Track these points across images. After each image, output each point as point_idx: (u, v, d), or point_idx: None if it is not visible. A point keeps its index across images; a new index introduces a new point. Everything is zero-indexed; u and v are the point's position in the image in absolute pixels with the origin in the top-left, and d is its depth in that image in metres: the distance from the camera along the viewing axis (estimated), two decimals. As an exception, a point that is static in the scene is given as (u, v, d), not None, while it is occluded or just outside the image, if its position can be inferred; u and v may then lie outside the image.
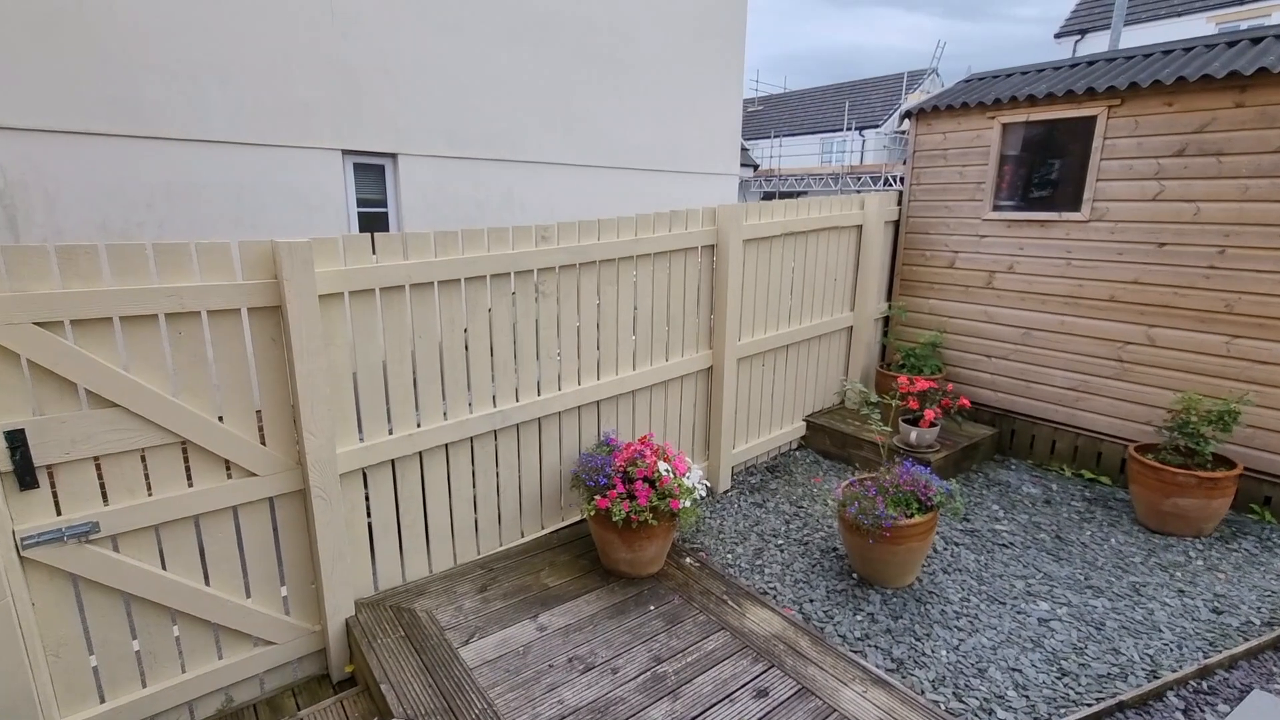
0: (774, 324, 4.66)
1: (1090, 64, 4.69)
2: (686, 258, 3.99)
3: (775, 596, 3.27)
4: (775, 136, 30.07)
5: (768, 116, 32.97)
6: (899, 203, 5.43)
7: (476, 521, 3.38)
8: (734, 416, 4.50)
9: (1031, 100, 4.49)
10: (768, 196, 26.86)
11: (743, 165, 14.51)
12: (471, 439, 3.25)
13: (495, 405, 3.31)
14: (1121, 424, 4.36)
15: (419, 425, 3.07)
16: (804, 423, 5.14)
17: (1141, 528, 3.83)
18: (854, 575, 3.40)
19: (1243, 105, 3.67)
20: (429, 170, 6.57)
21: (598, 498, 3.09)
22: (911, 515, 3.15)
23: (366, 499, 2.98)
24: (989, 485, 4.48)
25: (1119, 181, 4.19)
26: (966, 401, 4.52)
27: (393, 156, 6.36)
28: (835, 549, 3.67)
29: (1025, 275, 4.72)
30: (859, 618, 3.08)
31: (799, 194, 25.33)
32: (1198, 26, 16.93)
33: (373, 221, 6.39)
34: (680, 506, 3.06)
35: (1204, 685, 2.62)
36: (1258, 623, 2.98)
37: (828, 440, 4.98)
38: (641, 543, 3.12)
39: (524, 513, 3.56)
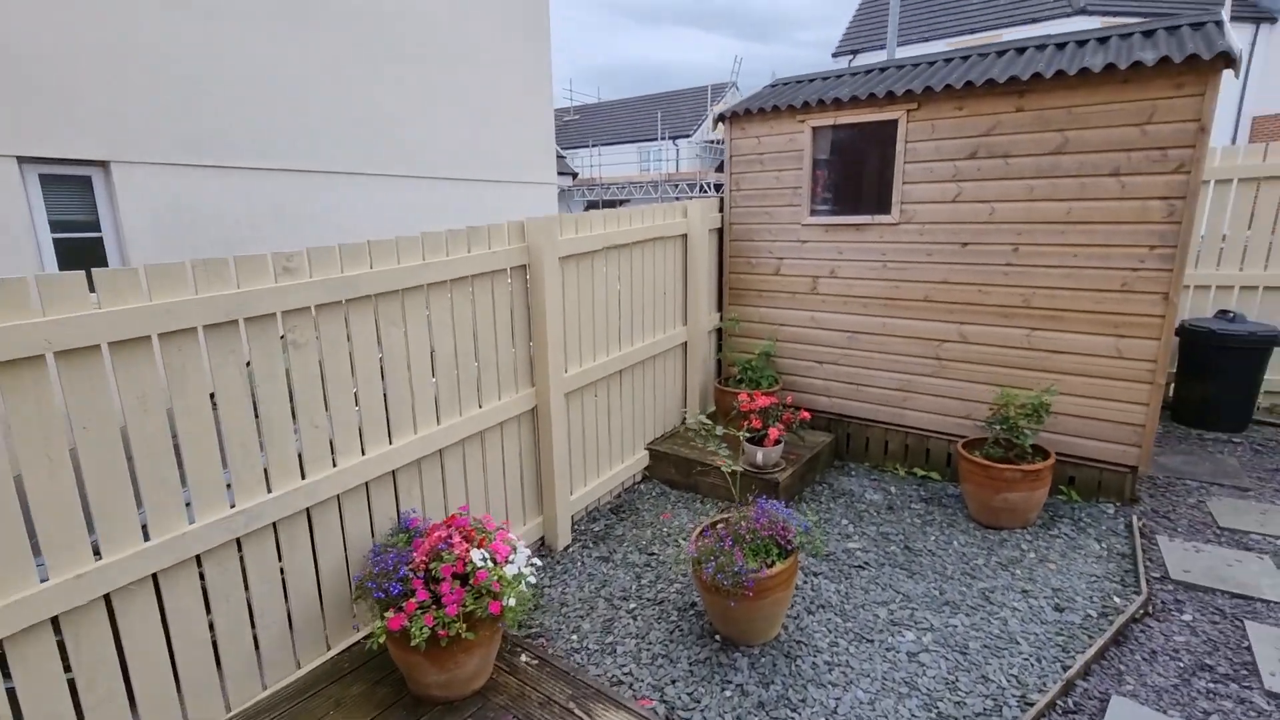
0: (604, 348, 4.14)
1: (884, 70, 4.80)
2: (494, 282, 3.32)
3: (632, 685, 2.72)
4: (594, 145, 30.17)
5: (585, 125, 33.04)
6: (721, 209, 5.22)
7: (220, 665, 2.42)
8: (569, 460, 3.91)
9: (838, 104, 4.45)
10: (592, 205, 26.78)
11: (561, 173, 14.03)
12: (198, 557, 2.31)
13: (233, 504, 2.39)
14: (945, 420, 4.46)
15: (99, 557, 2.08)
16: (646, 452, 4.70)
17: (976, 524, 3.88)
18: (716, 636, 2.96)
19: (1023, 109, 3.85)
20: (162, 182, 5.17)
21: (391, 613, 2.32)
22: (773, 563, 2.78)
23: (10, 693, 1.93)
24: (835, 497, 4.35)
25: (923, 184, 4.27)
26: (807, 414, 4.35)
27: (103, 165, 4.89)
28: (694, 604, 3.22)
29: (846, 279, 4.70)
30: (728, 693, 2.64)
31: (622, 202, 25.54)
32: (940, 50, 19.67)
33: (80, 252, 4.86)
34: (503, 607, 2.39)
35: (1070, 703, 2.53)
36: (1094, 614, 3.02)
37: (672, 468, 4.58)
38: (457, 659, 2.40)
39: (297, 636, 2.65)
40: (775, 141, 4.83)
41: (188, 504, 2.29)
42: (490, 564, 2.48)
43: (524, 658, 2.76)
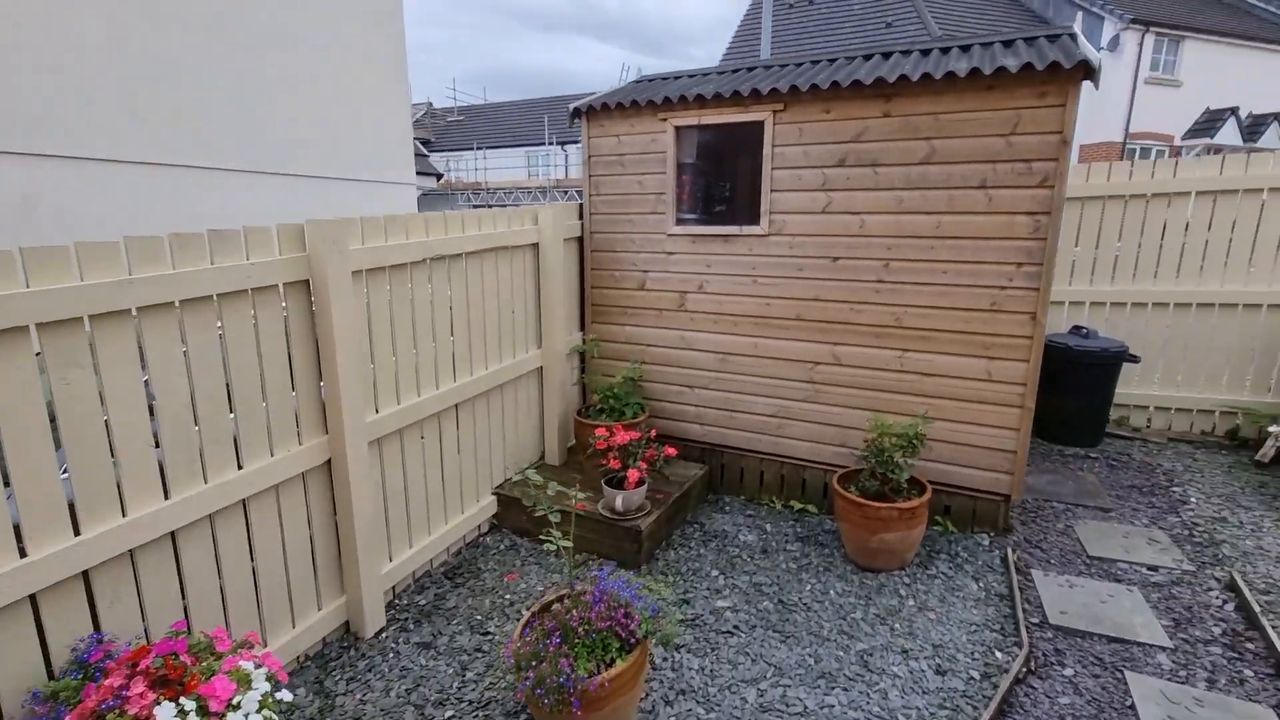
0: (431, 380, 3.42)
1: (751, 69, 4.44)
2: (257, 304, 2.53)
3: (426, 847, 2.03)
4: (479, 148, 28.90)
5: (470, 127, 31.65)
6: (581, 216, 4.64)
7: None
8: (383, 522, 3.15)
9: (701, 101, 4.01)
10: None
11: (423, 174, 12.93)
12: None
13: None
14: (821, 449, 4.13)
15: None
16: (494, 497, 4.01)
17: (853, 566, 3.53)
18: (549, 753, 2.34)
19: (890, 115, 3.57)
20: None
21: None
22: (612, 661, 2.20)
23: None
24: (706, 540, 3.88)
25: (792, 193, 3.91)
26: (673, 451, 3.85)
27: None
28: (527, 707, 2.58)
29: (716, 295, 4.27)
30: (555, 842, 2.02)
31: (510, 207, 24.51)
32: (818, 70, 20.42)
33: None
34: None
35: (958, 806, 2.14)
36: (977, 676, 2.69)
37: (524, 516, 3.91)
38: None
39: None
40: (636, 141, 4.32)
41: None
42: (200, 713, 1.71)
43: (274, 825, 1.99)
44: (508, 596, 3.35)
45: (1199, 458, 4.72)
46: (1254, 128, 21.28)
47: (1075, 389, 4.86)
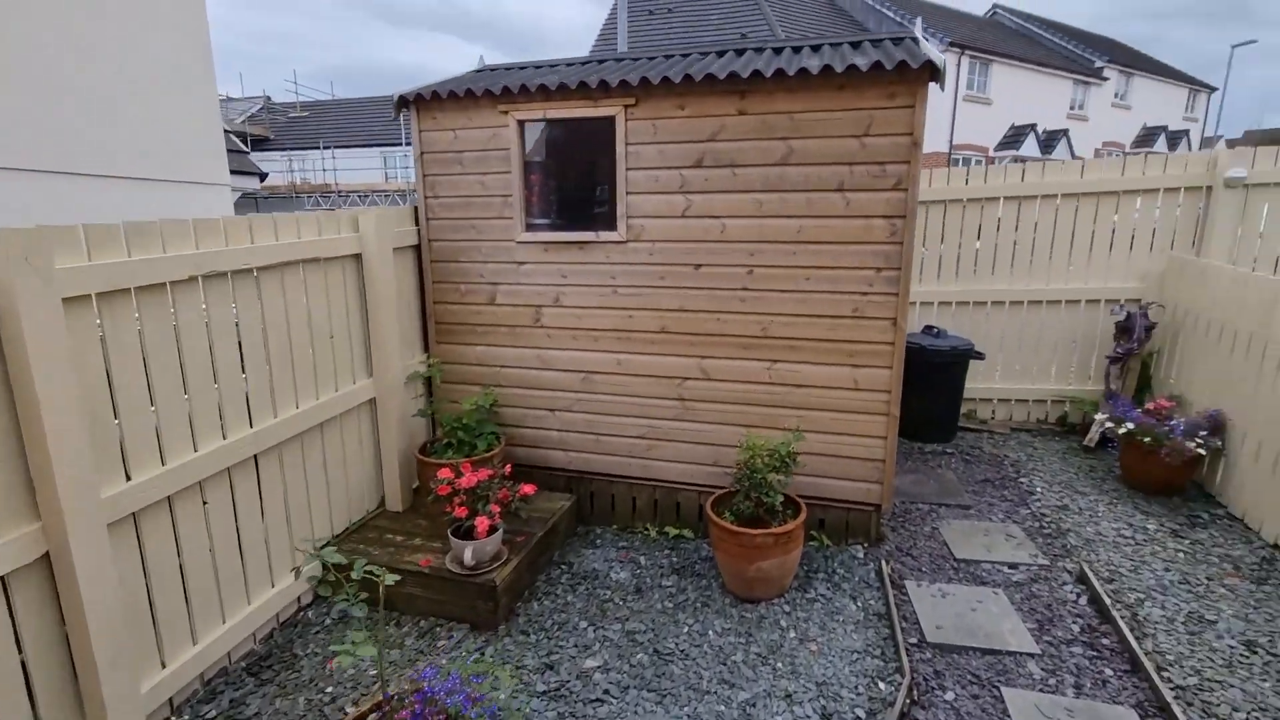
0: (214, 429, 2.71)
1: (603, 62, 4.09)
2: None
3: None
4: (327, 147, 26.53)
5: (316, 125, 29.01)
6: (417, 221, 4.05)
7: None
8: (140, 622, 2.41)
9: (546, 94, 3.59)
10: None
11: (243, 173, 11.42)
12: None
13: None
14: (694, 470, 3.86)
15: None
16: (317, 560, 3.32)
17: (732, 598, 3.27)
18: None
19: (745, 113, 3.36)
20: None
21: None
22: (439, 793, 1.71)
23: None
24: (575, 583, 3.46)
25: (650, 195, 3.60)
26: (530, 488, 3.39)
27: None
28: None
29: (574, 309, 3.87)
30: None
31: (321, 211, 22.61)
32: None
33: None
34: None
35: None
36: (863, 715, 2.49)
37: (357, 581, 3.26)
38: None
39: None
40: (475, 137, 3.82)
41: None
42: None
43: None
44: (329, 689, 2.73)
45: (1038, 446, 5.02)
46: (1049, 142, 24.56)
47: (930, 387, 5.00)
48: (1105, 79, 28.64)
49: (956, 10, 29.05)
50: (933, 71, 3.07)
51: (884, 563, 3.46)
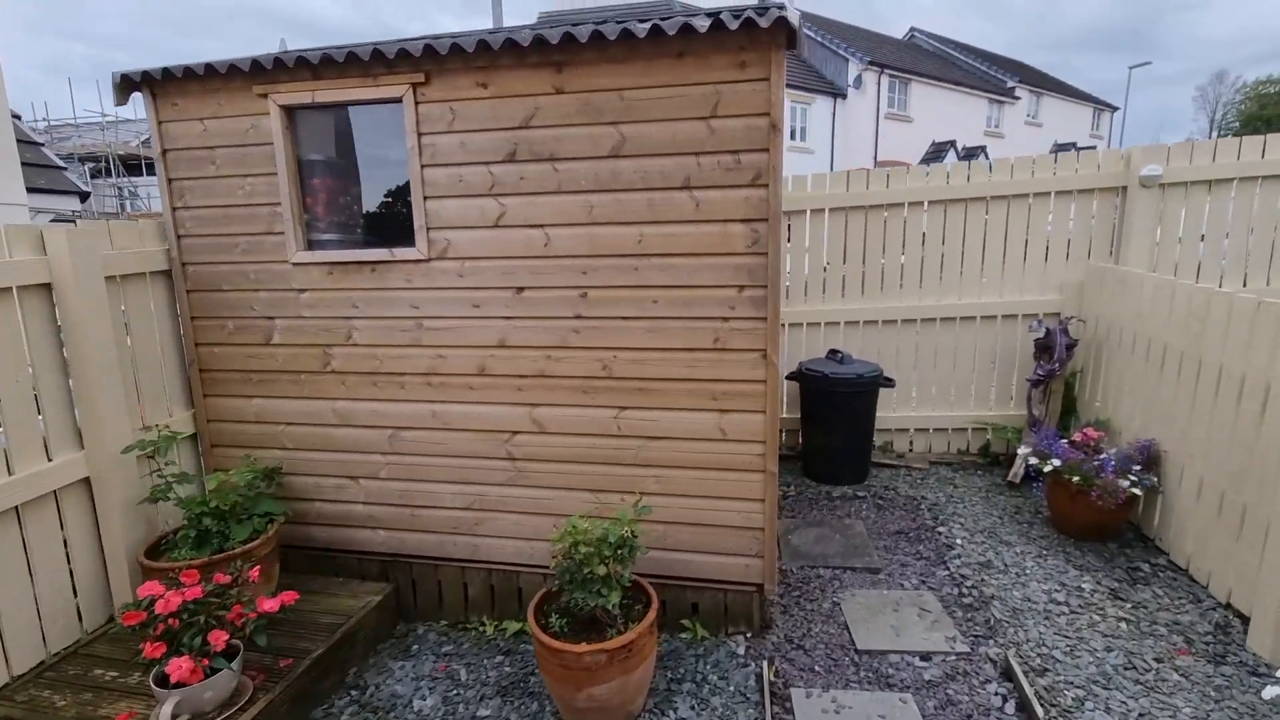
0: None
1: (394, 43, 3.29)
2: None
3: None
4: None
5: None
6: (166, 239, 3.12)
7: None
8: None
9: (313, 71, 2.76)
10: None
11: (62, 192, 9.88)
12: None
13: None
14: (533, 547, 3.02)
15: None
16: (-36, 724, 2.32)
17: (565, 732, 2.43)
18: None
19: (564, 91, 2.61)
20: None
21: None
22: None
23: None
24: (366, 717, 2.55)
25: (455, 200, 2.80)
26: (290, 597, 2.47)
27: None
28: None
29: (371, 348, 3.01)
30: None
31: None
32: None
33: None
34: None
35: None
36: None
37: (18, 752, 2.28)
38: None
39: None
40: (231, 129, 2.94)
41: None
42: None
43: None
44: None
45: (959, 483, 4.41)
46: (968, 157, 25.16)
47: (836, 421, 4.34)
48: (1017, 98, 29.84)
49: (877, 33, 29.87)
50: (789, 35, 2.39)
51: (766, 664, 2.69)
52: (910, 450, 4.92)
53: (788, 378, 4.59)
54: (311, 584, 3.19)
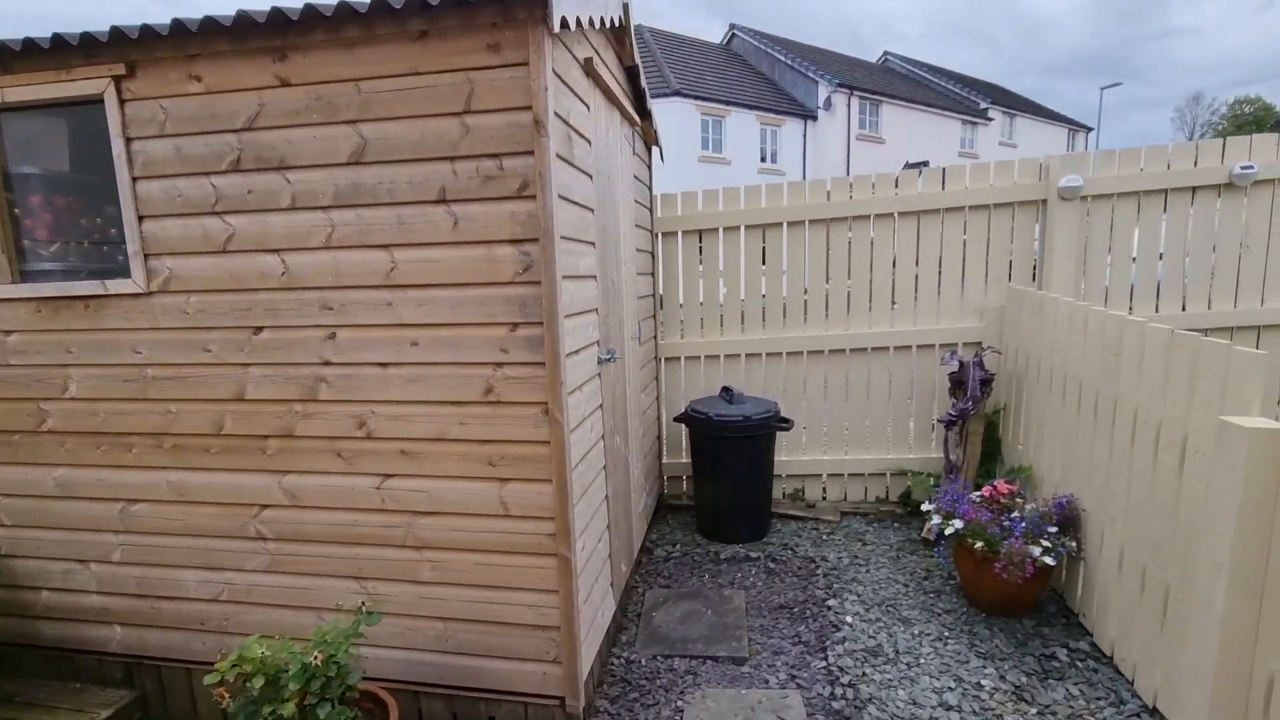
0: None
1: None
2: None
3: None
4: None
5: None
6: None
7: None
8: None
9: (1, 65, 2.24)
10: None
11: None
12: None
13: None
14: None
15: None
16: None
17: None
18: None
19: (290, 83, 2.09)
20: None
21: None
22: None
23: None
24: None
25: (174, 219, 2.26)
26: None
27: None
28: None
29: (91, 402, 2.44)
30: None
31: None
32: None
33: None
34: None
35: None
36: None
37: None
38: None
39: None
40: (-85, 137, 2.41)
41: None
42: None
43: None
44: None
45: (869, 539, 3.83)
46: (941, 178, 24.98)
47: (727, 470, 3.77)
48: (990, 119, 29.91)
49: (849, 56, 29.99)
50: (545, 7, 1.88)
51: (555, 810, 2.09)
52: (823, 498, 4.35)
53: (675, 419, 4.04)
54: (37, 693, 2.58)
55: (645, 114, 3.59)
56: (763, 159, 22.34)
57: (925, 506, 3.27)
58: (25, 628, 2.66)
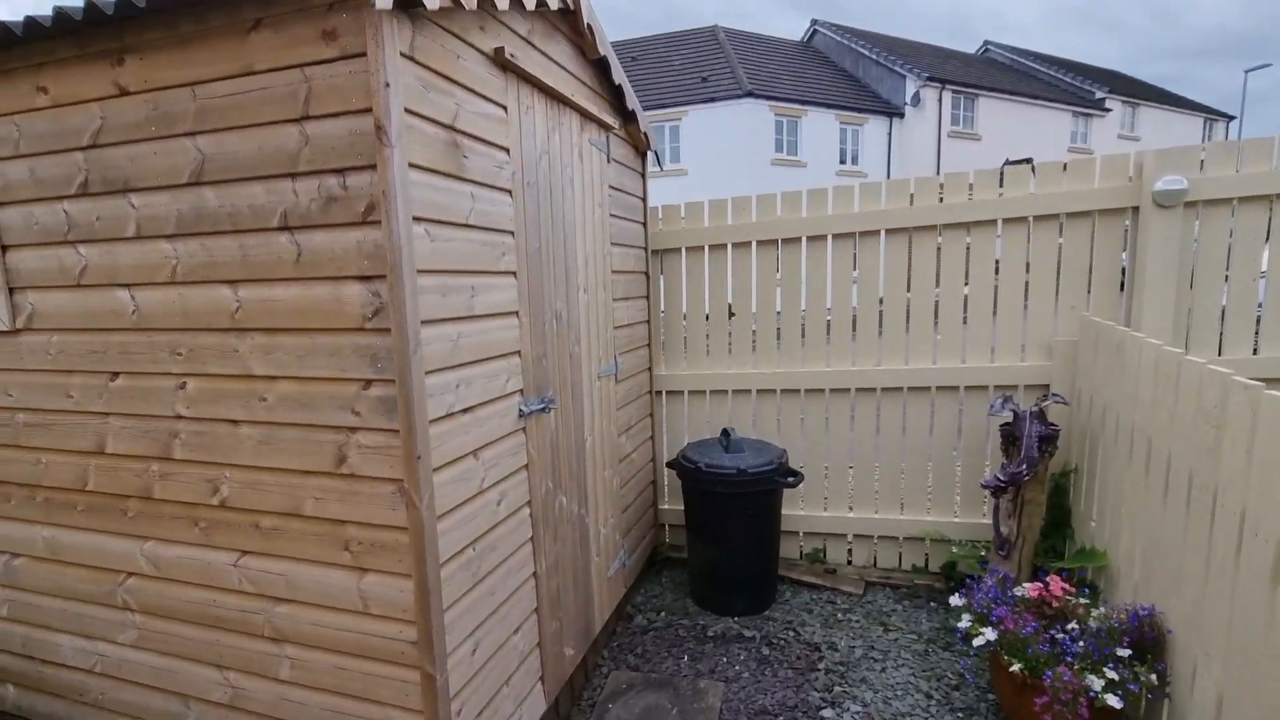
0: None
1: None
2: None
3: None
4: None
5: None
6: None
7: None
8: None
9: (-119, 83, 2.09)
10: None
11: None
12: None
13: None
14: (161, 736, 2.13)
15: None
16: None
17: None
18: None
19: (128, 91, 1.78)
20: None
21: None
22: None
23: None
24: None
25: (32, 249, 2.01)
26: None
27: None
28: None
29: (-27, 446, 2.26)
30: None
31: None
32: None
33: None
34: None
35: None
36: None
37: None
38: None
39: None
40: None
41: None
42: None
43: None
44: None
45: (894, 623, 3.15)
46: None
47: (722, 528, 3.21)
48: (1108, 110, 26.99)
49: (943, 48, 28.00)
50: (385, -23, 1.46)
51: None
52: (848, 563, 3.68)
53: (668, 464, 3.51)
54: (-61, 748, 2.43)
55: (626, 115, 3.11)
56: (841, 160, 21.11)
57: (954, 600, 2.58)
58: (-65, 675, 2.54)
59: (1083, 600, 2.37)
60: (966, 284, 3.32)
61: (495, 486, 2.00)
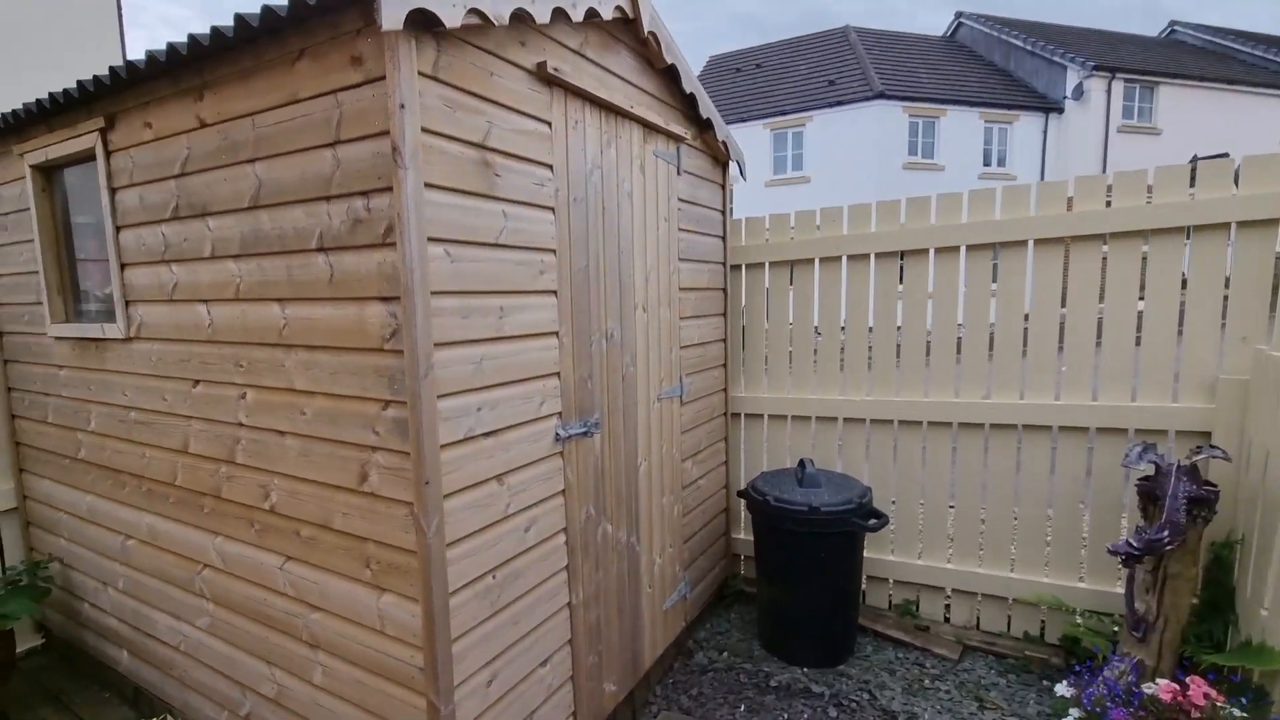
0: None
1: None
2: None
3: None
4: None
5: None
6: (-4, 309, 3.05)
7: None
8: None
9: (47, 120, 2.45)
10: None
11: None
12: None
13: None
14: (224, 718, 2.29)
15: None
16: None
17: None
18: None
19: (206, 123, 1.94)
20: None
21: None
22: None
23: None
24: None
25: (142, 268, 2.26)
26: None
27: None
28: None
29: (101, 437, 2.59)
30: None
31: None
32: (759, 134, 19.32)
33: None
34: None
35: None
36: None
37: None
38: None
39: None
40: (7, 194, 2.77)
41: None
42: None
43: None
44: None
45: (993, 698, 2.70)
46: (1247, 175, 19.35)
47: (791, 570, 2.94)
48: (1337, 93, 22.43)
49: (1115, 33, 24.82)
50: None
51: None
52: (945, 620, 3.24)
53: (739, 494, 3.29)
54: (74, 697, 2.82)
55: (701, 124, 2.96)
56: (986, 162, 19.30)
57: (1060, 689, 2.14)
58: (80, 637, 2.93)
59: (1237, 713, 1.87)
60: (1100, 305, 2.80)
61: (524, 512, 1.95)
